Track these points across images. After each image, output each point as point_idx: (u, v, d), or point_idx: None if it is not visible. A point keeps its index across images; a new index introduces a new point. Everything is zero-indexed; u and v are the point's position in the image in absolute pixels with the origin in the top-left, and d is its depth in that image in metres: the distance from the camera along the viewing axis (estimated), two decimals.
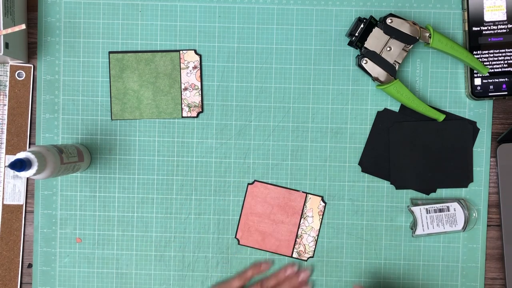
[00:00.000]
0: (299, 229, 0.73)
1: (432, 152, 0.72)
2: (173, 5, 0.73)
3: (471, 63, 0.69)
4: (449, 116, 0.73)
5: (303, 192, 0.73)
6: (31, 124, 0.73)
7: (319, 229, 0.73)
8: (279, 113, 0.73)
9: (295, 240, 0.73)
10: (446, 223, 0.72)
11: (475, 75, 0.71)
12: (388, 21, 0.69)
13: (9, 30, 0.65)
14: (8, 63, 0.73)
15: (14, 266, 0.73)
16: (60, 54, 0.73)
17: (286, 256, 0.73)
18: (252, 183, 0.73)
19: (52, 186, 0.73)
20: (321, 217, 0.73)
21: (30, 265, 0.74)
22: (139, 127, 0.73)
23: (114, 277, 0.74)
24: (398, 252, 0.73)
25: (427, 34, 0.69)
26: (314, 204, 0.73)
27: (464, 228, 0.72)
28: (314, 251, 0.73)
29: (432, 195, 0.73)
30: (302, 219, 0.73)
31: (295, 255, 0.73)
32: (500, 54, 0.71)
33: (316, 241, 0.73)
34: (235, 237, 0.73)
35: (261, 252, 0.73)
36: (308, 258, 0.73)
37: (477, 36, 0.71)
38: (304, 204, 0.73)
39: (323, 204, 0.73)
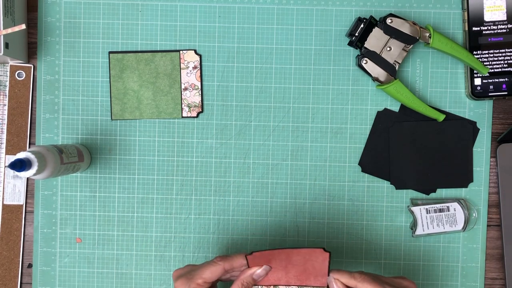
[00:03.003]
0: None
1: (432, 152, 0.72)
2: (173, 5, 0.73)
3: (471, 63, 0.69)
4: (449, 116, 0.73)
5: None
6: (31, 124, 0.73)
7: None
8: (279, 113, 0.73)
9: None
10: (446, 223, 0.72)
11: (475, 75, 0.71)
12: (388, 21, 0.69)
13: (9, 30, 0.65)
14: (8, 63, 0.73)
15: (14, 266, 0.73)
16: (60, 54, 0.73)
17: None
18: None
19: (52, 186, 0.73)
20: None
21: (30, 265, 0.74)
22: (139, 127, 0.73)
23: (114, 277, 0.74)
24: (398, 252, 0.73)
25: (427, 34, 0.69)
26: None
27: (464, 228, 0.72)
28: None
29: (432, 195, 0.73)
30: None
31: None
32: (500, 54, 0.71)
33: None
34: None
35: None
36: None
37: (477, 36, 0.71)
38: None
39: None
